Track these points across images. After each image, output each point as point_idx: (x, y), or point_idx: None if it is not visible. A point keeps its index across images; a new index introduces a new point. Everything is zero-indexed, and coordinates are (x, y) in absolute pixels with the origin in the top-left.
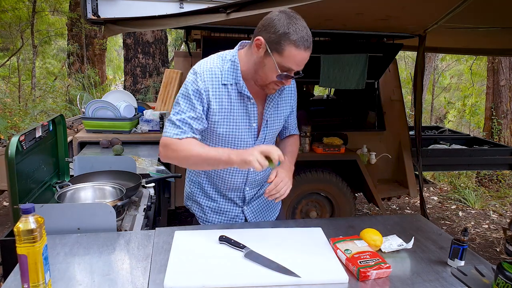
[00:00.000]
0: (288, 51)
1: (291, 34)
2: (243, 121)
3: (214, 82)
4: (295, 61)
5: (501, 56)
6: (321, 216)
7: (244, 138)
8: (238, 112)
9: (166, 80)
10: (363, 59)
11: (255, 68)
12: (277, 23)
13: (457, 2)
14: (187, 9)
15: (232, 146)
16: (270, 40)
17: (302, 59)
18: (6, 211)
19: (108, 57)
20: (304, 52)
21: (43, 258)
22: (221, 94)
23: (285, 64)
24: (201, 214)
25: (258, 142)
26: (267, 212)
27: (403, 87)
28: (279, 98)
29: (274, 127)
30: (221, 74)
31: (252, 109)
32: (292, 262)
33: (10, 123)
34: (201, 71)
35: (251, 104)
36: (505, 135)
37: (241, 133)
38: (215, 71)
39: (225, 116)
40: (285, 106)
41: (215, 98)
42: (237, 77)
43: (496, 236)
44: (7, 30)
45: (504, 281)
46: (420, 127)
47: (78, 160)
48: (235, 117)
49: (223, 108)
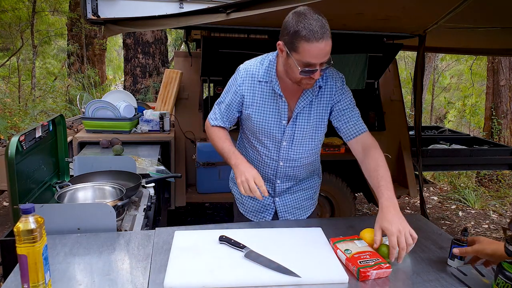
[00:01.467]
0: (302, 47)
1: (300, 31)
2: (274, 116)
3: (250, 79)
4: (311, 54)
5: (501, 56)
6: (321, 216)
7: (273, 132)
8: (270, 108)
9: (166, 80)
10: (363, 59)
11: (285, 69)
12: (288, 25)
13: (457, 2)
14: (187, 9)
15: (262, 137)
16: (286, 42)
17: (318, 50)
18: (6, 211)
19: (108, 57)
20: (317, 43)
21: (43, 258)
22: (255, 90)
23: (304, 60)
24: (238, 196)
25: (286, 138)
26: (299, 210)
27: (403, 87)
28: (315, 98)
29: (304, 127)
30: (258, 72)
31: (283, 107)
32: (292, 262)
33: (10, 123)
34: (242, 68)
35: (282, 102)
36: (505, 135)
37: (271, 127)
38: (252, 69)
39: (257, 110)
40: (320, 106)
41: (249, 93)
42: (272, 76)
43: (496, 236)
44: (7, 30)
45: (504, 281)
46: (420, 127)
47: (78, 160)
48: (267, 112)
49: (255, 103)
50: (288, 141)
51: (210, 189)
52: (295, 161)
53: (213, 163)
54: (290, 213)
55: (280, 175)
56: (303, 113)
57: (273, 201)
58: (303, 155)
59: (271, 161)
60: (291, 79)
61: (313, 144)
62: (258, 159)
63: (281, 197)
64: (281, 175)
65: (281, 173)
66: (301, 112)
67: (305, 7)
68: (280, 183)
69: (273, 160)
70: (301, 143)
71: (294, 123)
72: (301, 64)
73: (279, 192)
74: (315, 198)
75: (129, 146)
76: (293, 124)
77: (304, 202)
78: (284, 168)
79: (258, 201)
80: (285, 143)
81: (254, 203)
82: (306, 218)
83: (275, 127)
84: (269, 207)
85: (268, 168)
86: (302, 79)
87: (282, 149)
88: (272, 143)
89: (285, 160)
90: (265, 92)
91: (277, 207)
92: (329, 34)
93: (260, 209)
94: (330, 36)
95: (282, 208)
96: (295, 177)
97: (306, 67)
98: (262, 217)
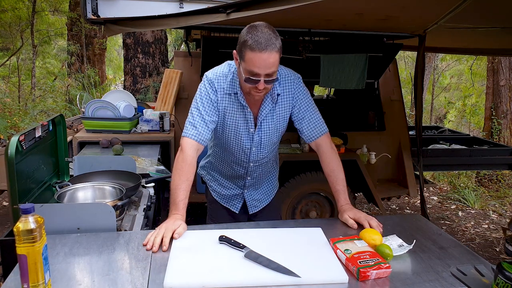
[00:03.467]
0: (247, 55)
1: (247, 40)
2: (243, 126)
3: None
4: (254, 63)
5: (501, 56)
6: (321, 216)
7: (243, 140)
8: (239, 118)
9: (166, 80)
10: (363, 59)
11: (239, 78)
12: (241, 35)
13: (457, 2)
14: (187, 9)
15: (234, 146)
16: (238, 50)
17: (261, 60)
18: (6, 211)
19: (108, 57)
20: (260, 53)
21: (43, 258)
22: (225, 101)
23: (248, 68)
24: (211, 184)
25: (255, 144)
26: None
27: (403, 87)
28: (275, 105)
29: (269, 131)
30: (224, 83)
31: (249, 116)
32: (292, 262)
33: (10, 123)
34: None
35: (248, 112)
36: (505, 135)
37: (241, 136)
38: (220, 81)
39: (230, 120)
40: (282, 110)
41: (222, 103)
42: (236, 88)
43: (496, 236)
44: (7, 30)
45: (503, 281)
46: (420, 127)
47: (78, 160)
48: (237, 122)
49: (227, 113)
50: (257, 147)
51: None
52: (263, 159)
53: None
54: (257, 200)
55: (250, 173)
56: (267, 120)
57: (242, 192)
58: (269, 154)
59: (242, 163)
60: (242, 89)
61: (278, 139)
62: (229, 163)
63: (249, 190)
64: (251, 172)
65: (251, 171)
66: (265, 119)
67: (263, 22)
68: (250, 179)
69: (244, 162)
70: (268, 145)
71: (260, 129)
72: (246, 72)
73: (248, 185)
74: (275, 181)
75: (129, 146)
76: (259, 130)
77: (268, 190)
78: (254, 167)
79: (228, 190)
80: (254, 148)
81: (225, 191)
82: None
83: (244, 136)
84: (239, 196)
85: (239, 169)
86: (250, 89)
87: (252, 154)
88: (243, 150)
89: (254, 161)
90: (233, 103)
91: (245, 197)
92: (275, 48)
93: (230, 197)
94: (277, 51)
95: (250, 198)
96: (262, 171)
97: (250, 75)
98: (232, 205)
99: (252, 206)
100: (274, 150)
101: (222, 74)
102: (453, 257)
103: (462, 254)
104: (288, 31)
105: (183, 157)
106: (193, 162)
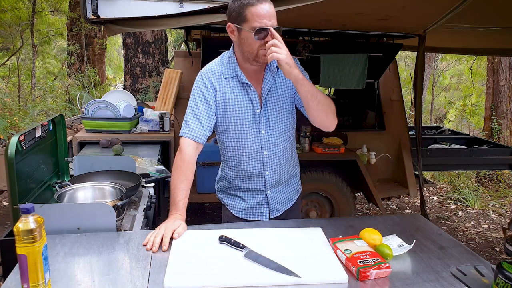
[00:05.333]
0: (249, 13)
1: (244, 1)
2: (248, 108)
3: (217, 77)
4: (259, 16)
5: (501, 56)
6: (321, 216)
7: (250, 123)
8: (242, 101)
9: (166, 80)
10: (363, 59)
11: (241, 50)
12: (232, 5)
13: (457, 2)
14: (187, 9)
15: (241, 132)
16: (234, 19)
17: (264, 11)
18: (6, 211)
19: (108, 57)
20: (261, 5)
21: (43, 258)
22: (224, 88)
23: (254, 24)
24: (228, 202)
25: (263, 126)
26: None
27: (403, 87)
28: (277, 76)
29: (276, 108)
30: (220, 70)
31: (253, 95)
32: (292, 262)
33: (10, 123)
34: (204, 71)
35: (251, 91)
36: (505, 135)
37: (248, 119)
38: (214, 69)
39: (232, 106)
40: (282, 85)
41: (220, 91)
42: (235, 69)
43: (496, 236)
44: (7, 30)
45: (503, 281)
46: (420, 127)
47: (77, 160)
48: (241, 106)
49: (227, 100)
50: (266, 128)
51: (209, 189)
52: (277, 146)
53: (213, 163)
54: (280, 204)
55: (267, 166)
56: (271, 96)
57: (266, 196)
58: (283, 138)
59: (256, 154)
60: (249, 58)
61: (288, 123)
62: (241, 158)
63: (272, 191)
64: (268, 165)
65: (268, 162)
66: (269, 94)
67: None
68: (269, 174)
69: (257, 152)
70: (278, 127)
71: (266, 108)
72: (253, 29)
73: (270, 185)
74: (298, 184)
75: (129, 146)
76: (265, 109)
77: (291, 194)
78: (269, 157)
79: (251, 200)
80: (264, 131)
81: (248, 203)
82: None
83: (251, 118)
84: (263, 202)
85: (255, 162)
86: (258, 50)
87: (262, 138)
88: (252, 135)
89: (268, 147)
90: (233, 87)
91: (269, 199)
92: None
93: (255, 207)
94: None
95: (273, 201)
96: (281, 164)
97: (258, 30)
98: (259, 214)
99: (274, 210)
100: (287, 140)
101: (215, 64)
102: (453, 257)
103: (462, 254)
104: (288, 31)
105: (181, 156)
106: (192, 161)
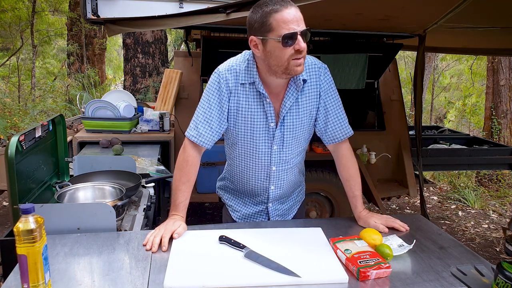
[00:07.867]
0: (275, 21)
1: (265, 10)
2: (262, 120)
3: (234, 80)
4: (285, 22)
5: (501, 56)
6: (321, 216)
7: (262, 137)
8: (256, 111)
9: (166, 80)
10: (363, 59)
11: (267, 64)
12: (252, 16)
13: (457, 2)
14: (187, 9)
15: (251, 145)
16: (257, 31)
17: (291, 16)
18: (6, 211)
19: (108, 57)
20: (286, 10)
21: (43, 258)
22: (239, 94)
23: (282, 32)
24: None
25: (276, 142)
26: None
27: (403, 87)
28: (301, 94)
29: (294, 127)
30: (239, 73)
31: (269, 109)
32: (292, 262)
33: (10, 123)
34: (223, 69)
35: (267, 103)
36: (505, 135)
37: (260, 132)
38: (235, 69)
39: (244, 115)
40: (308, 101)
41: (234, 96)
42: (253, 76)
43: (496, 235)
44: (7, 30)
45: (503, 280)
46: (420, 127)
47: (77, 160)
48: (254, 116)
49: (240, 107)
50: (279, 144)
51: (210, 189)
52: (287, 162)
53: (213, 163)
54: (280, 216)
55: (273, 181)
56: (291, 113)
57: (266, 207)
58: (294, 155)
59: (263, 168)
60: (277, 71)
61: (303, 140)
62: (248, 169)
63: (274, 204)
64: (275, 180)
65: (274, 178)
66: (289, 112)
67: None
68: (274, 188)
69: (265, 166)
70: (292, 144)
71: (282, 124)
72: (281, 36)
73: (272, 198)
74: (302, 194)
75: (129, 146)
76: (281, 126)
77: (293, 204)
78: (277, 173)
79: (251, 207)
80: (276, 146)
81: (247, 209)
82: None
83: (263, 131)
84: (263, 213)
85: (261, 175)
86: (289, 61)
87: (273, 153)
88: (262, 149)
89: (277, 164)
90: (249, 95)
91: (270, 212)
92: (294, 5)
93: (253, 216)
94: (296, 7)
95: (274, 213)
96: (288, 180)
97: (287, 37)
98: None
99: (276, 218)
100: (299, 155)
101: (236, 63)
102: (453, 257)
103: (462, 254)
104: None
105: (184, 156)
106: (196, 162)
